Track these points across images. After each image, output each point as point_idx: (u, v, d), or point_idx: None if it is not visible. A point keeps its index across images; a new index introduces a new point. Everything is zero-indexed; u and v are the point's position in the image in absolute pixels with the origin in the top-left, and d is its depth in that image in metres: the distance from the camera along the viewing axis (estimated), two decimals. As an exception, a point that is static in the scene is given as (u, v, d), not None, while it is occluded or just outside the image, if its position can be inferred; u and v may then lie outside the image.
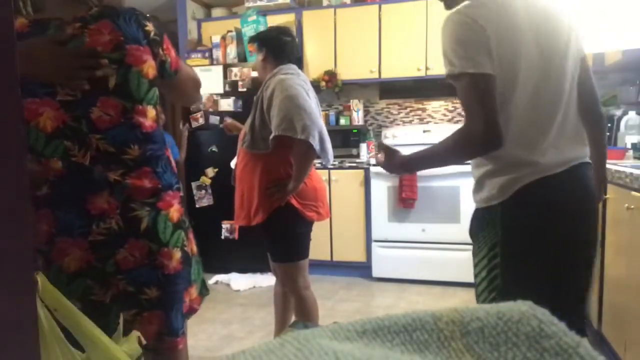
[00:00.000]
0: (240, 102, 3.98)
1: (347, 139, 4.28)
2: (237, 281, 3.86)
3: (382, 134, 4.33)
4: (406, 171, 1.42)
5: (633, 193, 1.99)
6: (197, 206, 4.08)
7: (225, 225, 4.04)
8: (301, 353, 0.36)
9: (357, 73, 4.13)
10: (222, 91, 4.03)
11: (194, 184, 4.10)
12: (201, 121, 4.09)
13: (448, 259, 3.65)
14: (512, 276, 1.25)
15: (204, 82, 1.66)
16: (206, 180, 4.08)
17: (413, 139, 4.00)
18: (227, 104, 4.02)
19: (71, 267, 1.16)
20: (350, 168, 3.91)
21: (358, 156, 4.19)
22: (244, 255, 3.96)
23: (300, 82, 2.09)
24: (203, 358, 2.62)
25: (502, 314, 0.40)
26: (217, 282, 3.91)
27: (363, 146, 4.21)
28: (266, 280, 3.83)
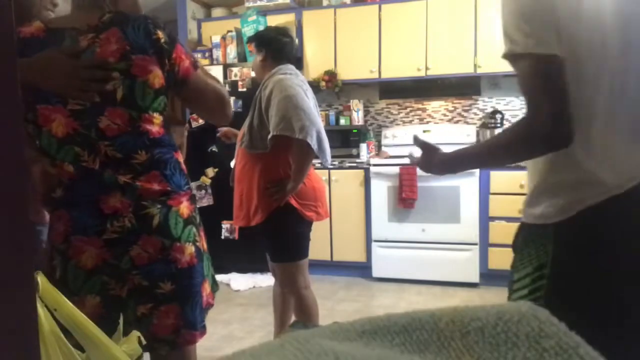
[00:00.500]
0: (240, 102, 3.98)
1: (347, 139, 4.28)
2: (237, 281, 3.86)
3: (382, 134, 4.34)
4: (447, 172, 1.23)
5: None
6: (197, 206, 4.07)
7: (225, 225, 4.04)
8: (301, 353, 0.36)
9: (357, 73, 4.13)
10: (222, 91, 4.03)
11: (194, 184, 4.10)
12: (201, 121, 4.09)
13: (448, 259, 3.65)
14: (560, 300, 1.05)
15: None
16: (206, 180, 4.08)
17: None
18: (227, 104, 4.01)
19: (88, 264, 1.20)
20: (350, 168, 3.91)
21: (358, 156, 4.19)
22: (244, 255, 3.96)
23: (298, 82, 2.10)
24: (203, 358, 2.61)
25: (502, 314, 0.40)
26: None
27: (363, 146, 4.21)
28: (266, 280, 3.83)
